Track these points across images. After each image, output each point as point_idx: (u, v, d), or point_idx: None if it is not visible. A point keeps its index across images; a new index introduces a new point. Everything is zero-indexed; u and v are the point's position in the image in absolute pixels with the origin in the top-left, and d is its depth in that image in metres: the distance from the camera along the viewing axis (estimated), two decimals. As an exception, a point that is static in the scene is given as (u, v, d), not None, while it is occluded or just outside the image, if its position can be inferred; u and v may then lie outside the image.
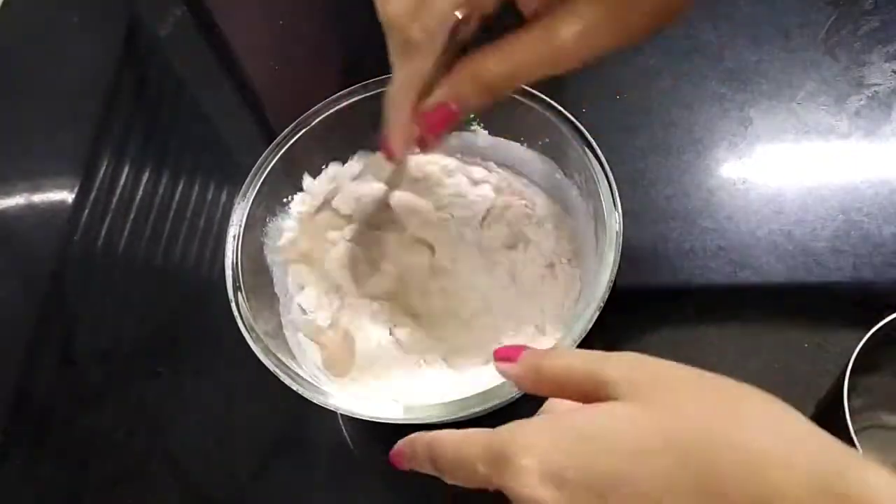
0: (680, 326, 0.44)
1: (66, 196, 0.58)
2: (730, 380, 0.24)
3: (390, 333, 0.43)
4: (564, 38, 0.29)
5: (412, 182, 0.45)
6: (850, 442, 0.30)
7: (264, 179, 0.43)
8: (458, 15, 0.30)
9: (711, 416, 0.22)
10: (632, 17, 0.29)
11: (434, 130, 0.34)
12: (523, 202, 0.45)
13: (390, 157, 0.36)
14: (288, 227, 0.45)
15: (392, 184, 0.44)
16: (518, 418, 0.30)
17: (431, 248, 0.44)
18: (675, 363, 0.25)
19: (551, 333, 0.41)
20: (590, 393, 0.25)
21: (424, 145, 0.35)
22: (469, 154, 0.47)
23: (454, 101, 0.32)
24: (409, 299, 0.43)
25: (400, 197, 0.44)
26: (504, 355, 0.30)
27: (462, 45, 0.32)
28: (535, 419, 0.26)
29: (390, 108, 0.34)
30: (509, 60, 0.30)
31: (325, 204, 0.46)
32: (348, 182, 0.46)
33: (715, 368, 0.42)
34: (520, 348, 0.30)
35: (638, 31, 0.29)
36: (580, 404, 0.26)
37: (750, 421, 0.22)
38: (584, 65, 0.30)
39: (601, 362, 0.25)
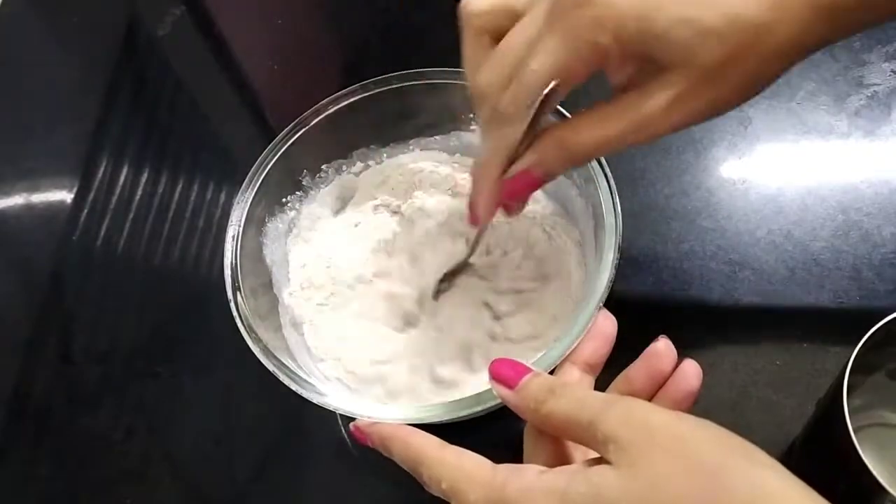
0: (679, 326, 0.44)
1: (65, 196, 0.58)
2: (726, 441, 0.24)
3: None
4: (654, 107, 0.28)
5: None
6: (850, 441, 0.30)
7: (263, 179, 0.42)
8: (551, 87, 0.29)
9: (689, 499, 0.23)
10: (722, 89, 0.28)
11: (516, 197, 0.34)
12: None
13: (476, 224, 0.37)
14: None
15: (473, 247, 0.42)
16: (517, 417, 0.30)
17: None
18: (675, 415, 0.26)
19: (550, 333, 0.41)
20: (588, 443, 0.26)
21: (509, 210, 0.36)
22: (468, 154, 0.47)
23: (539, 168, 0.32)
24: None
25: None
26: (502, 376, 0.30)
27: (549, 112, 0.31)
28: (538, 478, 0.26)
29: (479, 176, 0.34)
30: (597, 130, 0.30)
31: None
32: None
33: (715, 368, 0.42)
34: (518, 369, 0.30)
35: (727, 103, 0.28)
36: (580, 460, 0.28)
37: None
38: (671, 133, 0.29)
39: (599, 417, 0.26)
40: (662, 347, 0.33)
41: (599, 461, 0.26)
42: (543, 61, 0.28)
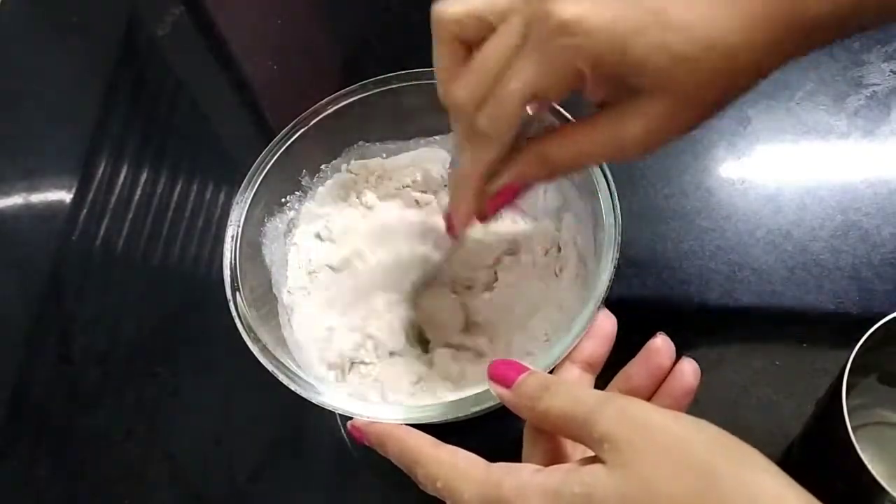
0: (679, 326, 0.44)
1: (64, 196, 0.58)
2: (722, 443, 0.24)
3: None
4: (630, 132, 0.29)
5: None
6: (849, 440, 0.30)
7: (263, 179, 0.42)
8: (529, 111, 0.30)
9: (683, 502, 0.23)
10: (696, 111, 0.29)
11: (498, 209, 0.35)
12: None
13: (454, 235, 0.38)
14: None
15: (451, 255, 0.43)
16: (517, 418, 0.30)
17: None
18: (672, 415, 0.26)
19: (550, 333, 0.41)
20: (583, 441, 0.26)
21: (483, 218, 0.36)
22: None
23: (520, 181, 0.33)
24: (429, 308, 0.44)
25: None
26: (499, 375, 0.30)
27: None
28: (532, 477, 0.27)
29: (456, 189, 0.35)
30: (575, 148, 0.31)
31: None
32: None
33: (715, 368, 0.42)
34: (516, 368, 0.30)
35: (698, 123, 0.29)
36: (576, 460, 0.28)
37: None
38: (647, 155, 0.30)
39: (595, 415, 0.26)
40: (660, 343, 0.34)
41: (594, 460, 0.26)
42: (522, 83, 0.29)
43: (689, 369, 0.33)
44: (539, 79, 0.29)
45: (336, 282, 0.44)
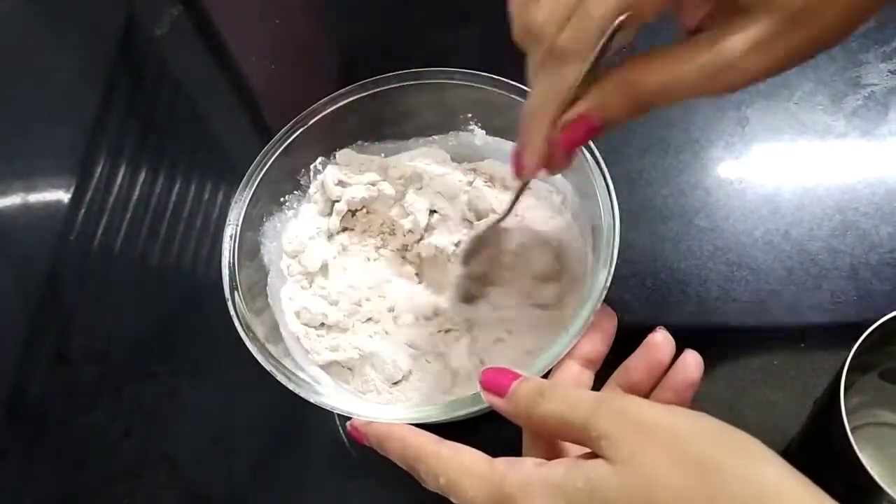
0: (677, 326, 0.44)
1: (63, 195, 0.58)
2: (723, 434, 0.25)
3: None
4: (732, 50, 0.25)
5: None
6: (847, 440, 0.30)
7: (261, 178, 0.42)
8: (618, 21, 0.26)
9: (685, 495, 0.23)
10: (811, 30, 0.25)
11: (573, 145, 0.30)
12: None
13: (520, 175, 0.33)
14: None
15: (511, 207, 0.40)
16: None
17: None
18: (670, 410, 0.26)
19: (549, 333, 0.41)
20: (583, 443, 0.26)
21: (552, 165, 0.32)
22: (466, 153, 0.47)
23: (599, 113, 0.28)
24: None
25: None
26: (492, 384, 0.30)
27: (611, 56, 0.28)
28: (535, 471, 0.27)
29: (529, 121, 0.30)
30: (667, 72, 0.26)
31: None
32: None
33: (713, 368, 0.42)
34: (508, 375, 0.30)
35: (816, 46, 0.25)
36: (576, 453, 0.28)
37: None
38: (748, 85, 0.26)
39: (592, 417, 0.26)
40: (660, 339, 0.33)
41: (595, 454, 0.26)
42: None
43: (692, 361, 0.33)
44: None
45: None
